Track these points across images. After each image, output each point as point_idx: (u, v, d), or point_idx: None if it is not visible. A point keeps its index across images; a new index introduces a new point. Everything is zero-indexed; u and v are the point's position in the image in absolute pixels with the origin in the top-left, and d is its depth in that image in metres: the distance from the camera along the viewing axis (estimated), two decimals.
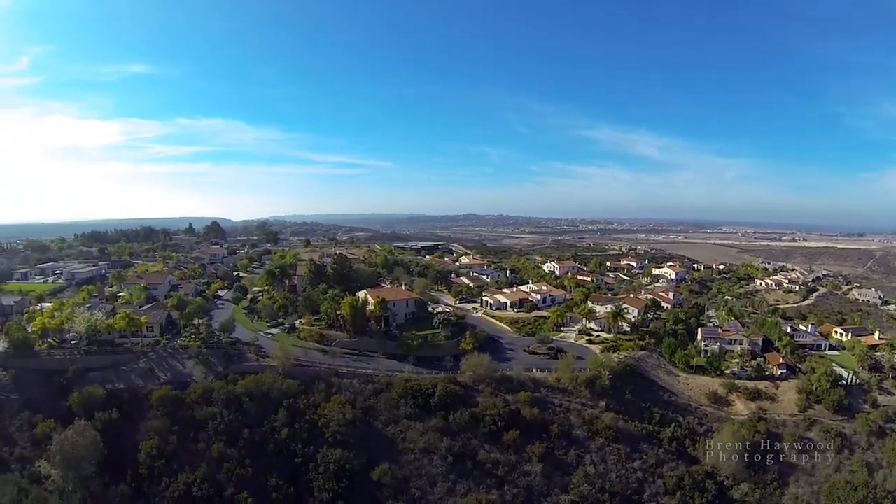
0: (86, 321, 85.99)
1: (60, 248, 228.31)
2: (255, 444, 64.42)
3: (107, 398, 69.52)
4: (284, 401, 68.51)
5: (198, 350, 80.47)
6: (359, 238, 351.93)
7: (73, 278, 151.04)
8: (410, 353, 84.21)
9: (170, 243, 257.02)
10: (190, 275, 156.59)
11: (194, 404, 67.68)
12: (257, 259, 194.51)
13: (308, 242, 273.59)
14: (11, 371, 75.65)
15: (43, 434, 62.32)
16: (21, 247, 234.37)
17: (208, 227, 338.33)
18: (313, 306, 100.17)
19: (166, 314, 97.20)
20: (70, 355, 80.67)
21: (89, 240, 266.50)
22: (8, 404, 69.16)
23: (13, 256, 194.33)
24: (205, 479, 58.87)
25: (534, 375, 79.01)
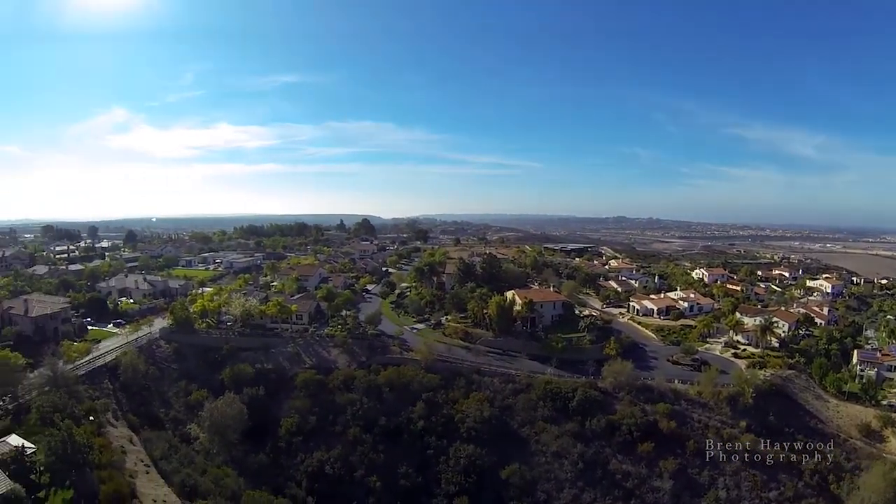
0: (241, 306, 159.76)
1: (221, 240, 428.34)
2: (390, 433, 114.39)
3: (255, 376, 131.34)
4: (424, 394, 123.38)
5: (343, 339, 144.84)
6: (509, 238, 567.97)
7: (232, 267, 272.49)
8: (554, 355, 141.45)
9: (322, 238, 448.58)
10: (340, 269, 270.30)
11: (336, 389, 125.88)
12: (406, 256, 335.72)
13: (458, 241, 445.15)
14: (173, 344, 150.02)
15: (196, 401, 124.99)
16: (187, 237, 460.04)
17: (359, 223, 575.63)
18: (460, 304, 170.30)
19: (316, 304, 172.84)
20: (225, 335, 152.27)
21: (247, 233, 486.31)
22: (168, 373, 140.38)
23: (180, 246, 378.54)
24: (338, 458, 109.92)
25: (675, 387, 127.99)
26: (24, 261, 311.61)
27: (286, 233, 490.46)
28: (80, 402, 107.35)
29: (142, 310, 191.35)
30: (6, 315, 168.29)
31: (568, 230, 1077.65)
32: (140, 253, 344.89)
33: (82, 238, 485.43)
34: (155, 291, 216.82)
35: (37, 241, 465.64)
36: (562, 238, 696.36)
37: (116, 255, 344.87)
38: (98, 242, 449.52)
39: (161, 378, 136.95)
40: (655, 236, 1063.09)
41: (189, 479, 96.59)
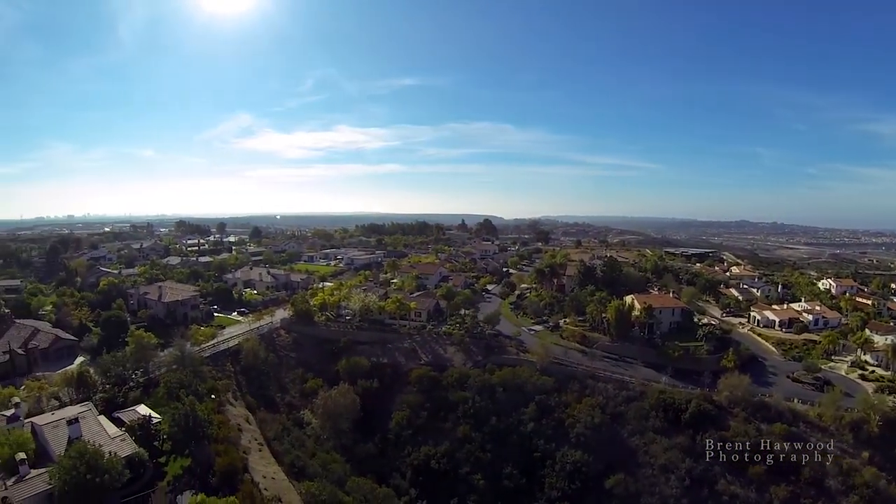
0: (360, 301, 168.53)
1: (343, 237, 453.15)
2: (499, 433, 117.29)
3: (370, 369, 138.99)
4: (537, 396, 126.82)
5: (460, 338, 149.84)
6: (629, 241, 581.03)
7: (352, 263, 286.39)
8: (669, 363, 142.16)
9: (443, 237, 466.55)
10: (460, 268, 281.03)
11: (449, 387, 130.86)
12: (527, 257, 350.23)
13: (579, 243, 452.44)
14: (293, 334, 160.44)
15: (311, 389, 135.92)
16: (310, 234, 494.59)
17: (480, 223, 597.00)
18: (579, 307, 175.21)
19: (435, 302, 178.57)
20: (343, 329, 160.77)
21: (368, 231, 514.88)
22: (286, 360, 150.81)
23: (303, 242, 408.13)
24: (445, 454, 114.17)
25: (793, 406, 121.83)
26: (159, 252, 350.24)
27: (407, 231, 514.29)
28: (204, 381, 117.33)
29: (264, 301, 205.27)
30: (142, 299, 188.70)
31: (688, 234, 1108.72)
32: (265, 248, 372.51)
33: (211, 233, 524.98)
34: (277, 284, 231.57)
35: (170, 235, 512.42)
36: (682, 242, 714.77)
37: (242, 249, 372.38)
38: (226, 237, 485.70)
39: (279, 365, 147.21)
40: (779, 242, 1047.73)
41: (298, 460, 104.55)
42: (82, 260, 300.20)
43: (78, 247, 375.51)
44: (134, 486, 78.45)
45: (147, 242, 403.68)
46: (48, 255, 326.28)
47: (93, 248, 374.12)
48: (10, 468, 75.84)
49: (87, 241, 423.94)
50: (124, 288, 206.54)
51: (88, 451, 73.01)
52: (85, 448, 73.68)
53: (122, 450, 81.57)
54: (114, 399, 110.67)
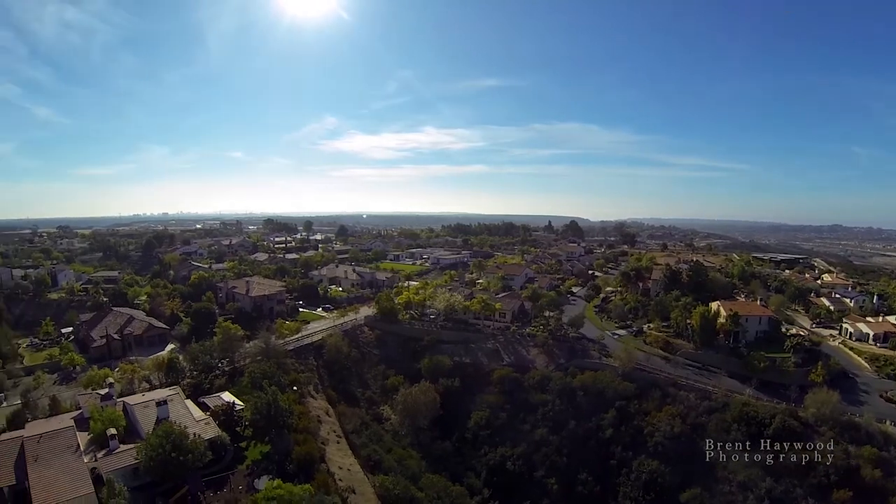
0: (445, 300, 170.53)
1: (428, 237, 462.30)
2: (577, 437, 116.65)
3: (452, 368, 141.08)
4: (617, 402, 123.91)
5: (544, 340, 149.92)
6: (716, 245, 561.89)
7: (438, 263, 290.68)
8: (754, 375, 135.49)
9: (529, 238, 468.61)
10: (546, 269, 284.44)
11: (530, 388, 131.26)
12: (613, 260, 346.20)
13: (665, 246, 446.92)
14: (376, 331, 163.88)
15: (392, 386, 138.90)
16: (396, 233, 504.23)
17: (567, 225, 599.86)
18: (664, 312, 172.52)
19: (520, 303, 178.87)
20: (427, 327, 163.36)
21: (455, 231, 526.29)
22: (370, 357, 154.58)
23: (388, 241, 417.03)
24: (521, 456, 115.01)
25: (886, 429, 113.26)
26: (248, 248, 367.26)
27: (494, 232, 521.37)
28: (287, 373, 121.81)
29: (349, 298, 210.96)
30: (230, 293, 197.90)
31: (778, 238, 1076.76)
32: (351, 246, 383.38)
33: (298, 231, 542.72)
34: (363, 282, 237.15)
35: (259, 232, 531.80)
36: (771, 247, 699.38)
37: (329, 247, 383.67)
38: (312, 235, 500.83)
39: (361, 361, 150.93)
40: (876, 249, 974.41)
41: (375, 454, 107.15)
42: (175, 254, 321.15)
43: (171, 242, 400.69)
44: (215, 467, 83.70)
45: (236, 239, 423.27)
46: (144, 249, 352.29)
47: (185, 243, 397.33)
48: (102, 442, 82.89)
49: (180, 237, 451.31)
50: (214, 282, 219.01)
51: (174, 431, 78.36)
52: (171, 428, 79.12)
53: (205, 432, 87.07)
54: (200, 385, 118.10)
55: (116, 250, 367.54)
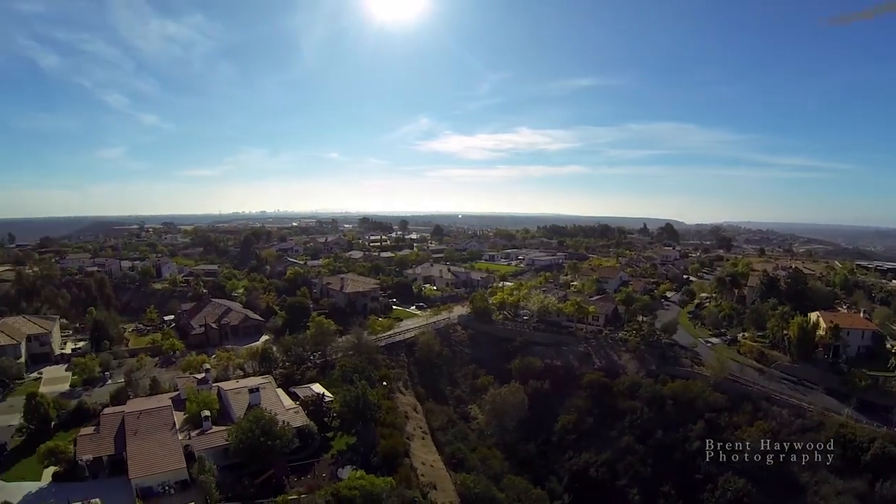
0: (539, 302, 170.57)
1: (524, 238, 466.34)
2: (664, 448, 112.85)
3: (542, 370, 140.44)
4: (707, 413, 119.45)
5: (636, 345, 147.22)
6: (816, 251, 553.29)
7: (533, 264, 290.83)
8: (854, 393, 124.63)
9: (624, 241, 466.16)
10: (640, 273, 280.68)
11: (619, 394, 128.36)
12: (708, 264, 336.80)
13: (762, 252, 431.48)
14: (469, 331, 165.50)
15: (481, 385, 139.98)
16: (491, 234, 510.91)
17: (662, 228, 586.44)
18: (759, 321, 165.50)
19: (613, 307, 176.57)
20: (520, 328, 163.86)
21: (550, 232, 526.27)
22: (461, 355, 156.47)
23: (484, 241, 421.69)
24: (604, 463, 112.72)
25: None
26: (343, 246, 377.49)
27: (589, 234, 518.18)
28: (377, 368, 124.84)
29: (443, 297, 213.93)
30: (325, 289, 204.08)
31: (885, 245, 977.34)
32: (446, 246, 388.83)
33: (394, 230, 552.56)
34: (457, 281, 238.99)
35: (354, 231, 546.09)
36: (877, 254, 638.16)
37: (424, 246, 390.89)
38: (408, 234, 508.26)
39: (452, 359, 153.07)
40: None
41: (459, 452, 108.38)
42: (272, 251, 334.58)
43: (268, 239, 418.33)
44: (301, 454, 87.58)
45: (332, 237, 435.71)
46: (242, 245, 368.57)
47: (282, 240, 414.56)
48: (196, 422, 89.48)
49: (277, 234, 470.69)
50: (309, 277, 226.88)
51: (264, 417, 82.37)
52: (262, 414, 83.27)
53: (294, 420, 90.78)
54: (292, 375, 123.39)
55: (216, 245, 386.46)
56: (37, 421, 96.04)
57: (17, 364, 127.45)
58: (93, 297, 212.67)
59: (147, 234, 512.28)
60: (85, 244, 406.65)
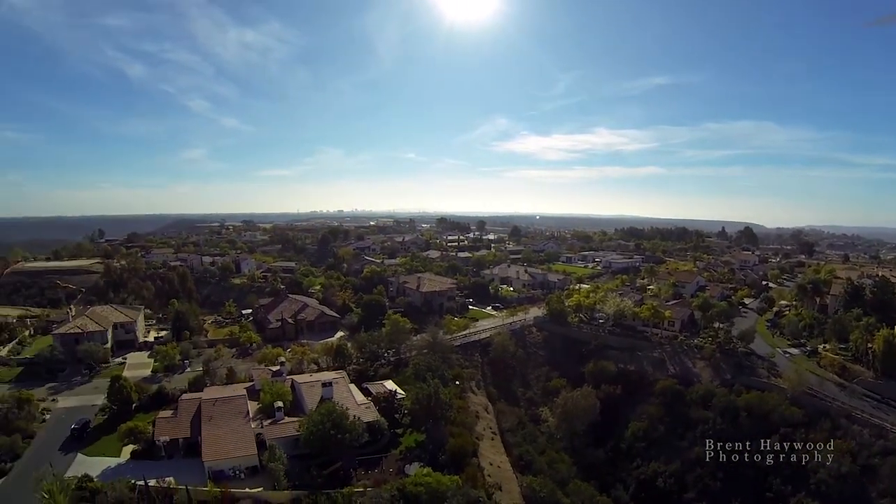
0: (615, 305, 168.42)
1: (601, 240, 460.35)
2: (734, 462, 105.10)
3: (616, 375, 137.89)
4: (782, 428, 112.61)
5: (711, 353, 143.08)
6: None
7: (610, 267, 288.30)
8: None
9: (701, 245, 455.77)
10: (718, 278, 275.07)
11: (692, 403, 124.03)
12: (788, 271, 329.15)
13: (846, 258, 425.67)
14: (544, 333, 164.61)
15: (554, 388, 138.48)
16: (568, 235, 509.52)
17: (741, 232, 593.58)
18: (842, 332, 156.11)
19: (689, 312, 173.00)
20: (594, 332, 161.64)
21: (627, 235, 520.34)
22: (535, 357, 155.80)
23: (561, 243, 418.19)
24: (673, 474, 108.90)
25: None
26: (420, 245, 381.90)
27: (666, 237, 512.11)
28: (451, 367, 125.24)
29: (519, 298, 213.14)
30: (401, 287, 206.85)
31: None
32: (523, 247, 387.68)
33: (471, 230, 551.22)
34: (534, 283, 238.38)
35: (431, 230, 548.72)
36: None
37: (501, 247, 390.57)
38: (485, 235, 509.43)
39: (526, 361, 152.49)
40: None
41: (527, 454, 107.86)
42: (349, 249, 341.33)
43: (346, 237, 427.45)
44: (370, 448, 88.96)
45: (409, 236, 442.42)
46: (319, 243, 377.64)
47: (359, 239, 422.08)
48: (269, 412, 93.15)
49: (355, 232, 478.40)
50: (385, 276, 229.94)
51: (336, 411, 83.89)
52: (333, 408, 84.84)
53: (364, 415, 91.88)
54: (365, 372, 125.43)
55: (294, 243, 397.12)
56: (119, 402, 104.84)
57: (104, 349, 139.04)
58: (175, 289, 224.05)
59: (227, 232, 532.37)
60: (168, 240, 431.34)
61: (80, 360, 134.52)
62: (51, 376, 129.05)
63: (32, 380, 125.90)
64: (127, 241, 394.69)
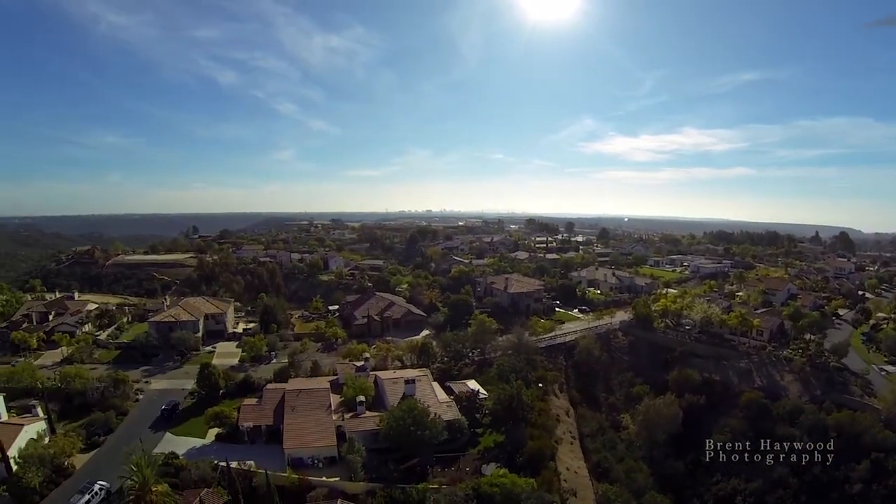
0: (702, 312, 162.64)
1: (689, 244, 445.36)
2: (820, 486, 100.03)
3: (700, 384, 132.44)
4: (873, 453, 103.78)
5: (801, 366, 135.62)
6: None
7: (698, 271, 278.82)
8: None
9: (794, 250, 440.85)
10: (811, 286, 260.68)
11: (778, 419, 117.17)
12: (887, 280, 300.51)
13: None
14: (629, 337, 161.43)
15: (636, 395, 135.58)
16: (657, 238, 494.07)
17: (835, 237, 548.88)
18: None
19: (779, 322, 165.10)
20: (680, 338, 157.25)
21: (715, 238, 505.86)
22: (619, 362, 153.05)
23: (649, 246, 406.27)
24: (753, 493, 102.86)
25: None
26: (508, 246, 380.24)
27: (756, 241, 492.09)
28: (535, 369, 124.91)
29: (606, 301, 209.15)
30: (489, 288, 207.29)
31: None
32: (611, 249, 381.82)
33: (559, 231, 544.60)
34: (621, 286, 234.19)
35: (520, 231, 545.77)
36: None
37: (589, 249, 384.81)
38: (573, 236, 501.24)
39: (610, 366, 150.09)
40: None
41: (605, 461, 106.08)
42: (437, 248, 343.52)
43: (434, 237, 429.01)
44: (448, 446, 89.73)
45: (497, 237, 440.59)
46: (408, 242, 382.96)
47: (447, 239, 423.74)
48: (350, 406, 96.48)
49: (443, 232, 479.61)
50: (473, 276, 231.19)
51: (417, 408, 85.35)
52: (415, 405, 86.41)
53: (445, 414, 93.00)
54: (449, 371, 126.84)
55: (382, 242, 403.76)
56: (207, 388, 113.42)
57: (195, 338, 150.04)
58: (264, 284, 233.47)
59: (316, 230, 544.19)
60: (259, 237, 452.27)
61: (173, 347, 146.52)
62: (145, 360, 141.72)
63: (128, 362, 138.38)
64: (219, 238, 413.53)
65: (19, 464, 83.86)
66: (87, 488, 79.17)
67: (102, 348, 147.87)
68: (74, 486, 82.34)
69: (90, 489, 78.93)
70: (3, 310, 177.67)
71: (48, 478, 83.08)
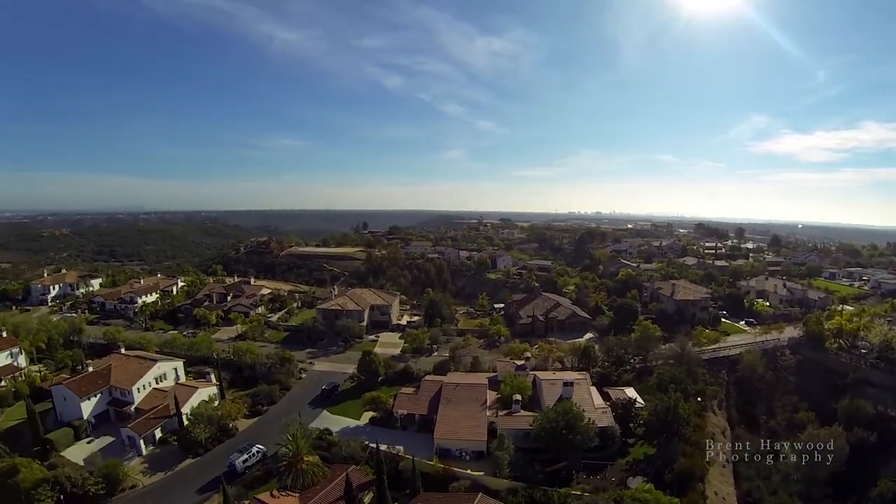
0: (881, 334, 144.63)
1: (870, 255, 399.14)
2: None
3: (872, 418, 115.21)
4: None
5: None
6: None
7: (879, 287, 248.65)
8: None
9: None
10: None
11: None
12: None
13: None
14: (797, 356, 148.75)
15: (799, 421, 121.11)
16: (833, 248, 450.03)
17: None
18: None
19: None
20: (854, 363, 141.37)
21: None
22: (784, 382, 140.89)
23: (825, 256, 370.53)
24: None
25: None
26: (677, 251, 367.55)
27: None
28: (695, 382, 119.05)
29: (775, 314, 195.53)
30: (655, 293, 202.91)
31: None
32: (783, 258, 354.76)
33: (729, 237, 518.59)
34: (792, 299, 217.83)
35: (689, 236, 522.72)
36: None
37: (759, 257, 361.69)
38: (743, 243, 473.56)
39: (774, 386, 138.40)
40: None
41: (756, 492, 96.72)
42: (606, 251, 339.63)
43: (602, 239, 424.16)
44: (597, 454, 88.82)
45: (666, 241, 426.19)
46: (576, 244, 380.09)
47: (616, 241, 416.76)
48: (506, 403, 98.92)
49: (612, 235, 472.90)
50: (640, 280, 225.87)
51: (572, 411, 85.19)
52: (570, 408, 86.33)
53: (600, 420, 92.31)
54: (608, 376, 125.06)
55: (551, 242, 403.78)
56: (367, 373, 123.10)
57: (360, 326, 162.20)
58: (431, 279, 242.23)
59: (485, 229, 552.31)
60: (427, 234, 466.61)
61: (338, 333, 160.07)
62: (311, 343, 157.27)
63: (295, 344, 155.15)
64: (388, 233, 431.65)
65: (190, 420, 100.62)
66: (246, 449, 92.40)
67: (273, 329, 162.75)
68: (235, 445, 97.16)
69: (249, 450, 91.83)
70: (189, 289, 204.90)
71: (214, 435, 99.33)
